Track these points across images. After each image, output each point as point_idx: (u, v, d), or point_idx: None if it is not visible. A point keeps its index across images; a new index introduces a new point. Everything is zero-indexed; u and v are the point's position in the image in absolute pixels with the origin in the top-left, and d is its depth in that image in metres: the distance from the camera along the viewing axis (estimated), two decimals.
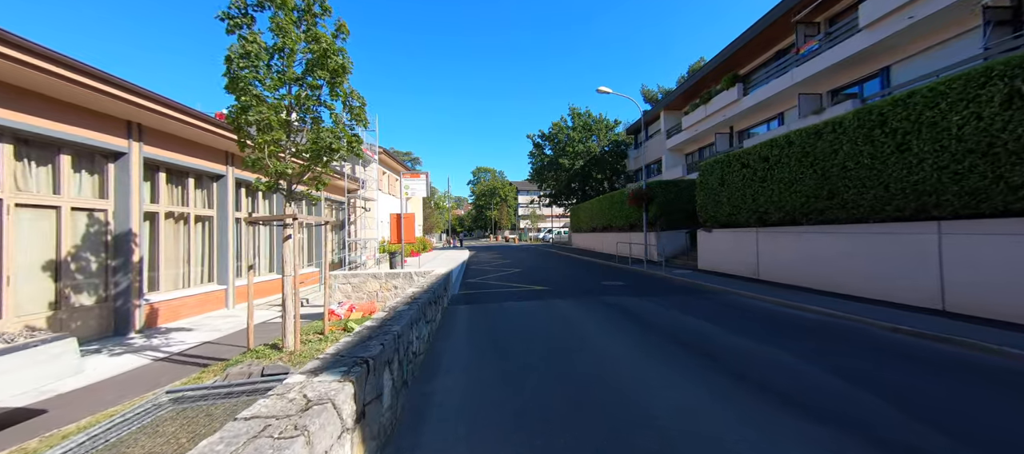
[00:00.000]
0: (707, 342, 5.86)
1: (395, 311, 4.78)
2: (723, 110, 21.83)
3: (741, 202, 11.93)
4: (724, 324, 6.95)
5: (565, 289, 11.48)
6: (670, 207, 18.31)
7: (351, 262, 19.56)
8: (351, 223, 21.06)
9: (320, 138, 6.35)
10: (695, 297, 9.75)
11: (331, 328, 8.08)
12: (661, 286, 11.70)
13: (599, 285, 12.14)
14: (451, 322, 7.60)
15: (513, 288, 11.96)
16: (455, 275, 14.79)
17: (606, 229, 25.51)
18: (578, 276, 14.62)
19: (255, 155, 6.18)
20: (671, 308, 8.38)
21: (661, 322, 7.18)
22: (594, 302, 9.22)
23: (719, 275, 12.74)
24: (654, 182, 18.71)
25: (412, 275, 10.42)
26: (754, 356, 5.16)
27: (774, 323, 7.00)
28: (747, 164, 11.60)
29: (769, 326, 6.80)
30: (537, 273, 16.00)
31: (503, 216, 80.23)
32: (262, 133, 5.99)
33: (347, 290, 10.46)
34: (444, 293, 8.72)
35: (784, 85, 17.46)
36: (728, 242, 12.81)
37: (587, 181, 36.72)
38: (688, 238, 18.36)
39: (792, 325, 6.84)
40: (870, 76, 14.76)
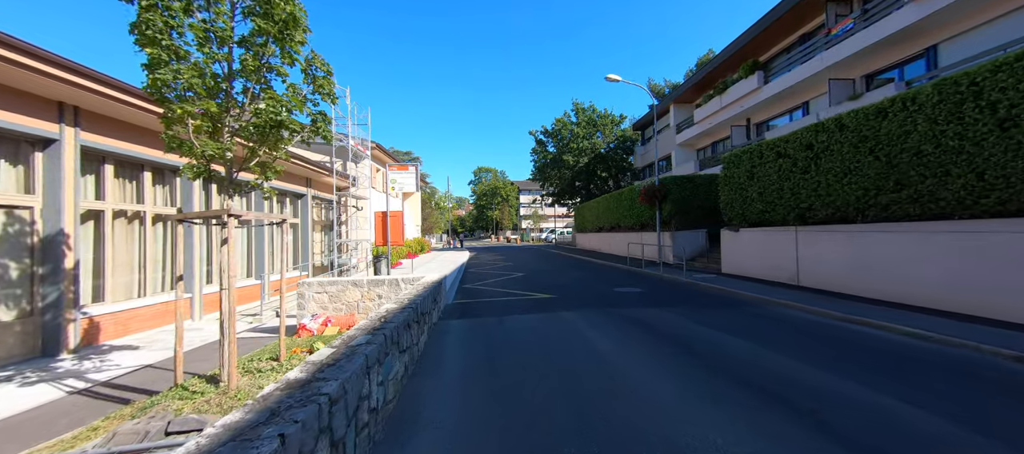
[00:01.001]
0: (769, 377, 4.38)
1: (347, 345, 3.33)
2: (740, 100, 20.31)
3: (776, 197, 10.44)
4: (780, 347, 5.47)
5: (574, 298, 10.01)
6: (686, 205, 16.82)
7: (341, 265, 18.16)
8: (342, 223, 19.67)
9: (264, 110, 4.90)
10: (731, 309, 8.26)
11: (296, 350, 6.64)
12: (685, 294, 10.21)
13: (612, 292, 10.67)
14: (439, 345, 6.14)
15: (515, 296, 10.50)
16: (450, 281, 13.33)
17: (614, 229, 24.02)
18: (587, 281, 13.14)
19: (172, 131, 4.74)
20: (705, 324, 6.90)
21: (701, 345, 5.70)
22: (611, 316, 7.74)
23: (748, 280, 11.24)
24: (668, 177, 17.22)
25: (399, 283, 8.98)
26: (839, 398, 3.70)
27: (843, 346, 5.52)
28: (784, 153, 10.11)
29: (838, 350, 5.32)
30: (541, 277, 14.53)
31: (504, 216, 78.76)
32: (184, 102, 4.54)
33: (323, 300, 9.02)
34: (433, 306, 7.27)
35: (812, 70, 15.94)
36: (759, 243, 11.31)
37: (591, 179, 35.22)
38: (707, 238, 16.86)
39: (867, 348, 5.36)
40: (913, 57, 13.23)
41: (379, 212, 10.30)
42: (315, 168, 16.43)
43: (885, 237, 7.79)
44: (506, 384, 4.39)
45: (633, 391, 4.10)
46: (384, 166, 24.77)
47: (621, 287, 11.45)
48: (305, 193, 17.20)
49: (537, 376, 4.57)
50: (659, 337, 6.14)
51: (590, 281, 13.12)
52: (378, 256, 11.12)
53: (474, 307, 9.20)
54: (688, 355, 5.22)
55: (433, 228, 57.38)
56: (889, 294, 7.76)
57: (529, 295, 10.57)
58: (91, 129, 8.13)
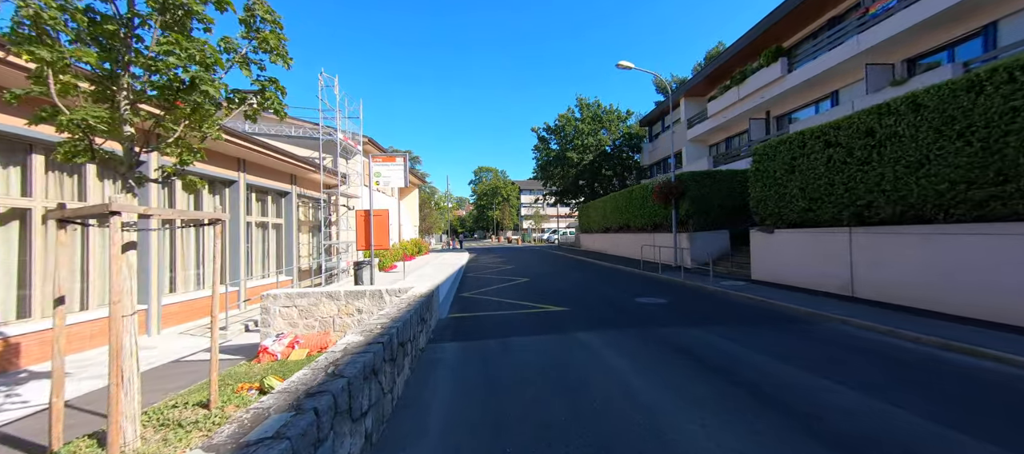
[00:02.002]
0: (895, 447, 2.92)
1: (295, 397, 1.87)
2: (760, 91, 18.83)
3: (824, 193, 8.96)
4: (883, 393, 4.00)
5: (590, 311, 8.54)
6: (705, 203, 15.35)
7: (329, 269, 16.71)
8: (331, 224, 18.23)
9: (165, 62, 3.44)
10: (785, 328, 6.79)
11: (243, 388, 5.18)
12: (720, 307, 8.75)
13: (633, 304, 9.20)
14: (425, 387, 4.67)
15: (520, 309, 9.03)
16: (446, 289, 11.86)
17: (622, 230, 22.55)
18: (600, 290, 11.67)
19: (29, 88, 3.28)
20: (769, 353, 5.43)
21: (783, 392, 4.23)
22: (643, 340, 6.27)
23: (786, 289, 9.77)
24: (686, 173, 15.74)
25: (383, 295, 7.53)
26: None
27: (970, 391, 4.05)
28: (836, 142, 8.64)
29: (969, 400, 3.86)
30: (548, 284, 13.06)
31: (505, 216, 77.30)
32: (37, 45, 3.07)
33: (291, 315, 7.56)
34: (421, 327, 5.82)
35: (845, 55, 14.47)
36: (800, 246, 9.84)
37: (596, 177, 33.71)
38: (729, 240, 15.38)
39: (1008, 391, 3.90)
40: (966, 37, 11.76)
41: (361, 211, 8.83)
42: (301, 164, 14.97)
43: (977, 240, 6.32)
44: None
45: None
46: (367, 156, 23.16)
47: (642, 297, 9.98)
48: (289, 191, 15.75)
49: (562, 442, 3.10)
50: (715, 375, 4.67)
51: (603, 289, 11.64)
52: (360, 263, 9.66)
53: (472, 324, 7.73)
54: (775, 412, 3.74)
55: (432, 229, 55.98)
56: (979, 310, 6.29)
57: (536, 307, 9.10)
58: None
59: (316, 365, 2.97)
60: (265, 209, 14.55)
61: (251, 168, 13.10)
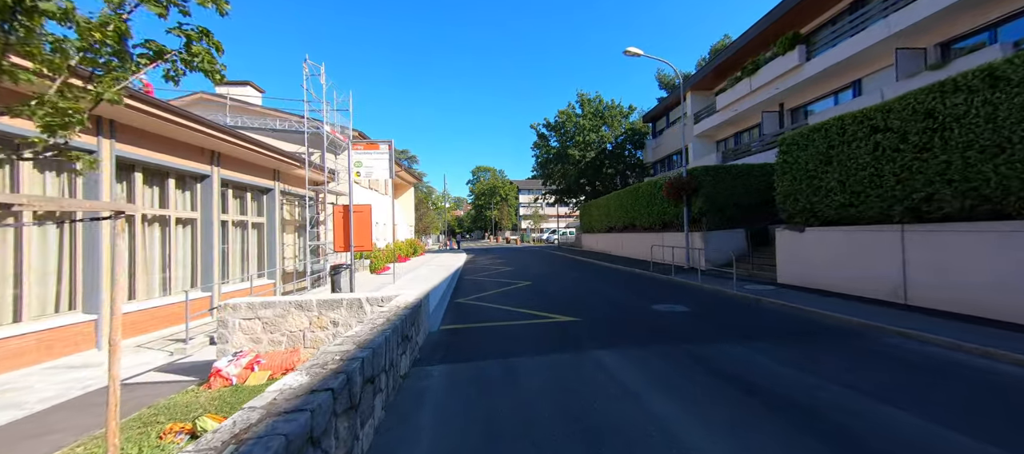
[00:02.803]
0: None
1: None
2: (776, 81, 17.75)
3: (870, 185, 7.86)
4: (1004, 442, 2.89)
5: (605, 322, 7.41)
6: (720, 199, 14.24)
7: (315, 272, 15.54)
8: (319, 223, 17.06)
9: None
10: (836, 343, 5.68)
11: (170, 432, 4.01)
12: (749, 315, 7.64)
13: (651, 312, 8.08)
14: (399, 435, 3.52)
15: (523, 320, 7.89)
16: (439, 295, 10.70)
17: (627, 229, 21.43)
18: (610, 294, 10.54)
19: None
20: (827, 376, 4.31)
21: (863, 427, 3.11)
22: (671, 357, 5.15)
23: (821, 294, 8.68)
24: (699, 168, 14.63)
25: (363, 304, 6.38)
26: None
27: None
28: (885, 126, 7.53)
29: None
30: (552, 288, 11.93)
31: (504, 216, 76.14)
32: None
33: (254, 329, 6.39)
34: (402, 348, 4.67)
35: (871, 39, 13.39)
36: (838, 246, 8.73)
37: (598, 175, 32.60)
38: (747, 239, 14.29)
39: None
40: (1014, 14, 10.69)
41: (338, 206, 7.65)
42: (284, 158, 13.80)
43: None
44: None
45: None
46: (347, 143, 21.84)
47: (659, 303, 8.85)
48: (272, 187, 14.56)
49: None
50: (787, 417, 3.54)
51: (614, 294, 10.51)
52: (337, 267, 8.47)
53: (468, 338, 6.58)
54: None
55: (429, 229, 54.78)
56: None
57: (542, 317, 7.96)
58: None
59: (208, 442, 1.82)
60: (244, 207, 13.35)
61: (226, 162, 11.91)
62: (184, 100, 18.79)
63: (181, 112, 9.08)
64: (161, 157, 9.83)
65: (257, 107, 19.21)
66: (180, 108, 9.36)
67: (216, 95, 19.07)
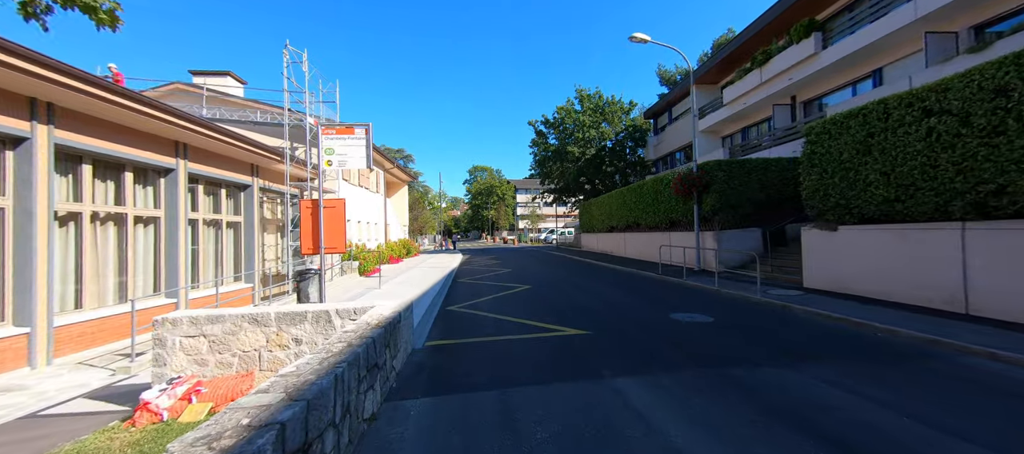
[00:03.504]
0: None
1: None
2: (789, 72, 16.75)
3: (922, 177, 6.84)
4: None
5: (619, 335, 6.35)
6: (735, 196, 13.22)
7: (314, 271, 14.40)
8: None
9: None
10: (910, 366, 4.65)
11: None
12: (786, 328, 6.60)
13: (670, 323, 7.03)
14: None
15: (524, 333, 6.81)
16: (427, 302, 9.61)
17: (630, 228, 20.40)
18: (620, 301, 9.48)
19: None
20: (917, 418, 3.28)
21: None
22: (710, 388, 4.09)
23: (858, 301, 7.66)
24: (711, 162, 13.59)
25: (331, 318, 5.30)
26: None
27: None
28: (942, 109, 6.50)
29: None
30: (555, 293, 10.86)
31: (501, 216, 75.07)
32: None
33: (198, 349, 5.28)
34: (366, 382, 3.58)
35: (898, 23, 12.41)
36: (880, 246, 7.71)
37: (598, 174, 31.57)
38: (763, 239, 13.28)
39: None
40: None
41: (306, 201, 6.52)
42: (263, 152, 12.68)
43: None
44: None
45: None
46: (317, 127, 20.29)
47: (678, 312, 7.79)
48: (250, 183, 13.43)
49: None
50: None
51: (625, 300, 9.45)
52: (303, 272, 7.31)
53: (457, 359, 5.49)
54: None
55: (425, 229, 53.67)
56: None
57: (545, 329, 6.88)
58: None
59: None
60: (218, 204, 12.20)
61: (195, 154, 10.78)
62: (158, 91, 17.60)
63: (131, 94, 7.95)
64: (115, 148, 8.69)
65: (238, 99, 18.03)
66: (131, 91, 8.24)
67: (193, 86, 17.89)
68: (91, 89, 7.09)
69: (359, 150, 6.43)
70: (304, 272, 6.93)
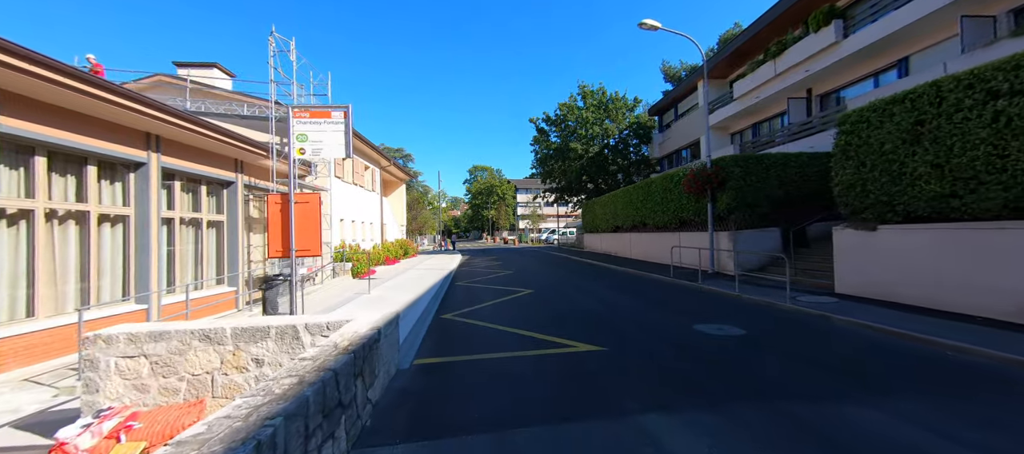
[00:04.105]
0: None
1: None
2: (806, 63, 15.85)
3: (986, 168, 5.94)
4: None
5: (640, 353, 5.45)
6: (751, 194, 12.32)
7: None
8: None
9: None
10: (1008, 400, 3.76)
11: None
12: (829, 343, 5.71)
13: (696, 337, 6.14)
14: None
15: (528, 349, 5.91)
16: (420, 310, 8.69)
17: (637, 228, 19.50)
18: (635, 309, 8.59)
19: None
20: None
21: None
22: (777, 437, 3.20)
23: (903, 310, 6.77)
24: (727, 158, 12.69)
25: (300, 333, 4.43)
26: None
27: None
28: (1011, 90, 5.61)
29: None
30: (561, 298, 9.97)
31: (501, 216, 74.18)
32: None
33: (139, 371, 4.40)
34: (331, 425, 2.69)
35: (929, 8, 11.50)
36: (931, 248, 6.82)
37: (601, 172, 30.67)
38: (782, 240, 12.38)
39: None
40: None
41: (273, 195, 5.53)
42: (247, 146, 11.77)
43: None
44: None
45: None
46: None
47: (702, 323, 6.89)
48: (233, 180, 12.51)
49: None
50: None
51: (638, 307, 8.56)
52: (270, 279, 6.36)
53: (448, 388, 4.59)
54: None
55: (424, 229, 52.79)
56: None
57: (553, 344, 5.99)
58: None
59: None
60: (198, 202, 11.29)
61: (170, 147, 9.88)
62: (141, 83, 16.74)
63: (83, 75, 7.05)
64: (75, 138, 7.79)
65: (225, 91, 17.16)
66: (83, 71, 7.34)
67: (177, 78, 17.01)
68: (33, 68, 6.19)
69: (336, 136, 5.54)
70: (271, 279, 5.98)
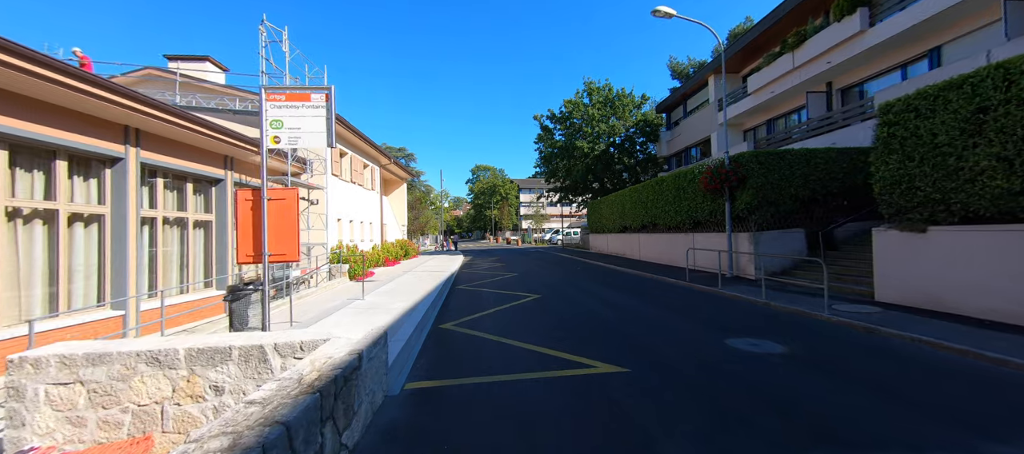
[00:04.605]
0: None
1: None
2: (828, 54, 14.98)
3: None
4: None
5: (668, 375, 4.68)
6: (774, 192, 11.49)
7: (277, 280, 12.83)
8: None
9: None
10: None
11: None
12: (887, 361, 4.92)
13: (732, 356, 5.35)
14: None
15: (539, 371, 5.14)
16: (417, 319, 7.88)
17: (646, 229, 18.69)
18: (655, 318, 7.81)
19: None
20: None
21: None
22: None
23: (957, 320, 5.96)
24: (747, 154, 11.86)
25: (268, 355, 3.69)
26: None
27: None
28: None
29: None
30: (571, 305, 9.20)
31: (504, 216, 73.40)
32: None
33: (74, 401, 3.67)
34: None
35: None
36: (997, 252, 6.00)
37: (607, 171, 29.85)
38: (807, 242, 11.56)
39: None
40: None
41: (243, 190, 4.74)
42: (237, 142, 11.06)
43: None
44: None
45: None
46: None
47: (733, 336, 6.10)
48: (222, 177, 11.81)
49: None
50: None
51: (659, 317, 7.77)
52: (237, 288, 5.50)
53: (444, 422, 3.82)
54: None
55: (426, 229, 52.10)
56: None
57: (568, 364, 5.21)
58: None
59: None
60: (183, 200, 10.59)
61: (151, 142, 9.18)
62: (130, 77, 16.08)
63: (37, 57, 6.33)
64: (38, 130, 7.08)
65: (217, 86, 16.49)
66: (44, 55, 6.63)
67: (167, 71, 16.36)
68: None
69: (317, 122, 4.78)
70: (239, 289, 5.13)
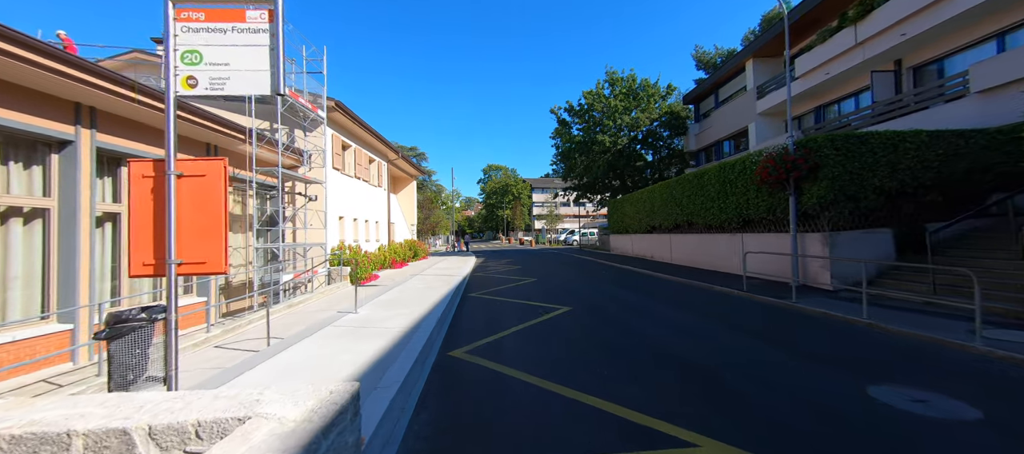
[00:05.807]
0: None
1: None
2: (902, 25, 12.81)
3: None
4: None
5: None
6: (854, 184, 9.45)
7: (267, 286, 11.31)
8: (285, 220, 12.90)
9: None
10: None
11: None
12: None
13: (879, 415, 3.51)
14: None
15: (598, 449, 3.34)
16: (420, 347, 6.05)
17: (680, 228, 16.71)
18: (732, 347, 5.95)
19: None
20: None
21: None
22: None
23: None
24: (820, 137, 9.83)
25: (136, 445, 2.07)
26: None
27: None
28: None
29: None
30: (612, 327, 7.37)
31: (517, 216, 71.64)
32: None
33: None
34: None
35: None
36: None
37: (628, 167, 27.83)
38: (894, 243, 9.51)
39: None
40: None
41: (141, 163, 3.04)
42: (220, 128, 9.54)
43: None
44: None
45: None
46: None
47: (875, 383, 4.23)
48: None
49: None
50: None
51: (739, 347, 5.90)
52: (119, 317, 3.47)
53: None
54: None
55: (437, 229, 50.70)
56: None
57: (653, 438, 3.43)
58: None
59: None
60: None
61: (110, 123, 7.65)
62: (117, 61, 14.81)
63: (38, 47, 4.82)
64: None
65: None
66: (35, 41, 5.12)
67: (156, 55, 15.08)
68: None
69: (255, 56, 3.08)
70: (123, 316, 3.07)
